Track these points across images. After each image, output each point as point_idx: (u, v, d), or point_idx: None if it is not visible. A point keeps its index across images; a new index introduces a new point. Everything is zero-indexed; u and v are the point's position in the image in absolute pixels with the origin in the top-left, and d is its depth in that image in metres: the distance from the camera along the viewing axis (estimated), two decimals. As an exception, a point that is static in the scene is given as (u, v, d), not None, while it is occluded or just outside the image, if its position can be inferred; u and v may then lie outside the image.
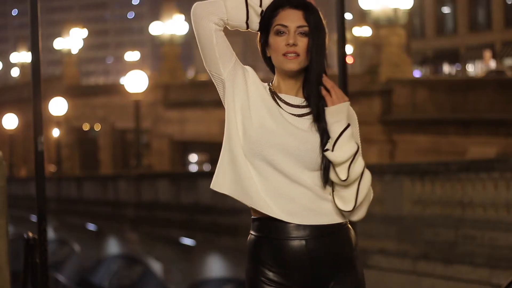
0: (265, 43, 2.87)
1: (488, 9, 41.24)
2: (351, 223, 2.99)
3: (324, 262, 2.82)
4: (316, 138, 2.82)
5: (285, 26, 2.81)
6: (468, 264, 10.82)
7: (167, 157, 34.29)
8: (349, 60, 44.69)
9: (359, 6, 27.78)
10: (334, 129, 2.78)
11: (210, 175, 2.93)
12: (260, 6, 2.87)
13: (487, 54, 34.44)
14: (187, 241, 18.28)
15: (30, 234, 5.07)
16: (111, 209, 22.37)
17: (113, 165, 38.03)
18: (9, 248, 5.14)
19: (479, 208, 11.07)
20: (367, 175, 2.84)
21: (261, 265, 2.84)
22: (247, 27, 2.88)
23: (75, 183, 25.79)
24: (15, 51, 52.68)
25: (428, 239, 11.69)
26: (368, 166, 2.87)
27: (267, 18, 2.85)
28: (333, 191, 2.85)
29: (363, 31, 41.14)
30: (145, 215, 20.58)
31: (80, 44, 40.80)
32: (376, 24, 25.15)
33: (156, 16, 39.62)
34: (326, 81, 2.81)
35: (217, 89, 2.90)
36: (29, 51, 5.46)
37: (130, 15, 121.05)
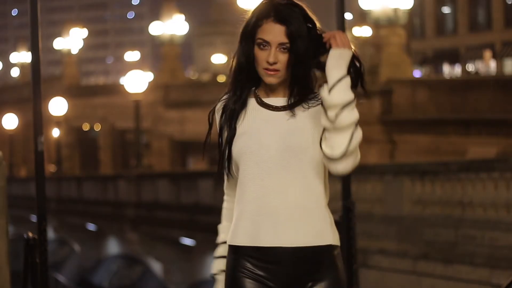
0: (251, 50, 2.86)
1: (488, 9, 41.23)
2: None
3: (307, 258, 2.83)
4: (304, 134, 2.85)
5: (267, 42, 2.81)
6: (468, 264, 10.82)
7: (167, 157, 34.30)
8: (349, 60, 44.53)
9: (359, 6, 27.78)
10: (332, 74, 2.75)
11: (210, 175, 2.96)
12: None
13: (487, 54, 34.44)
14: (187, 241, 18.28)
15: (30, 234, 5.07)
16: (111, 209, 22.38)
17: (113, 165, 38.03)
18: (9, 248, 5.14)
19: (479, 208, 11.07)
20: (360, 129, 2.79)
21: (241, 257, 2.86)
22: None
23: (75, 183, 25.79)
24: (15, 51, 52.67)
25: (428, 239, 11.69)
26: (368, 166, 2.88)
27: (252, 27, 2.85)
28: (321, 139, 2.81)
29: (363, 31, 41.13)
30: (145, 215, 20.58)
31: (80, 44, 40.80)
32: (376, 24, 25.15)
33: (156, 16, 39.61)
34: (328, 33, 2.82)
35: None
36: (29, 51, 5.45)
37: (130, 15, 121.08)
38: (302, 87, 2.85)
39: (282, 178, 2.82)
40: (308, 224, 2.82)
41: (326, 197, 2.90)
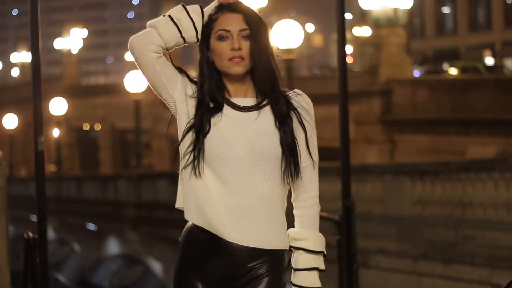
0: (206, 48, 2.87)
1: (488, 9, 41.26)
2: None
3: (260, 259, 2.84)
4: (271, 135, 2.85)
5: (228, 31, 2.83)
6: (468, 264, 10.82)
7: (167, 157, 34.29)
8: (349, 60, 44.68)
9: (359, 6, 27.80)
10: None
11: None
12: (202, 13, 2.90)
13: (487, 54, 34.42)
14: (187, 241, 18.25)
15: (30, 234, 5.07)
16: (111, 209, 22.37)
17: (113, 165, 38.02)
18: (9, 248, 5.15)
19: (479, 208, 11.06)
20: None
21: (194, 246, 2.96)
22: (184, 41, 2.90)
23: (75, 183, 25.79)
24: (15, 51, 52.69)
25: (428, 239, 11.69)
26: (368, 166, 2.88)
27: (207, 23, 2.87)
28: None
29: (363, 31, 41.13)
30: (145, 215, 20.57)
31: (80, 44, 40.80)
32: (376, 24, 25.15)
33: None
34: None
35: (170, 109, 2.96)
36: (29, 51, 5.45)
37: (130, 15, 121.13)
38: (266, 83, 2.85)
39: (248, 179, 2.81)
40: (270, 226, 2.83)
41: (285, 201, 2.91)
